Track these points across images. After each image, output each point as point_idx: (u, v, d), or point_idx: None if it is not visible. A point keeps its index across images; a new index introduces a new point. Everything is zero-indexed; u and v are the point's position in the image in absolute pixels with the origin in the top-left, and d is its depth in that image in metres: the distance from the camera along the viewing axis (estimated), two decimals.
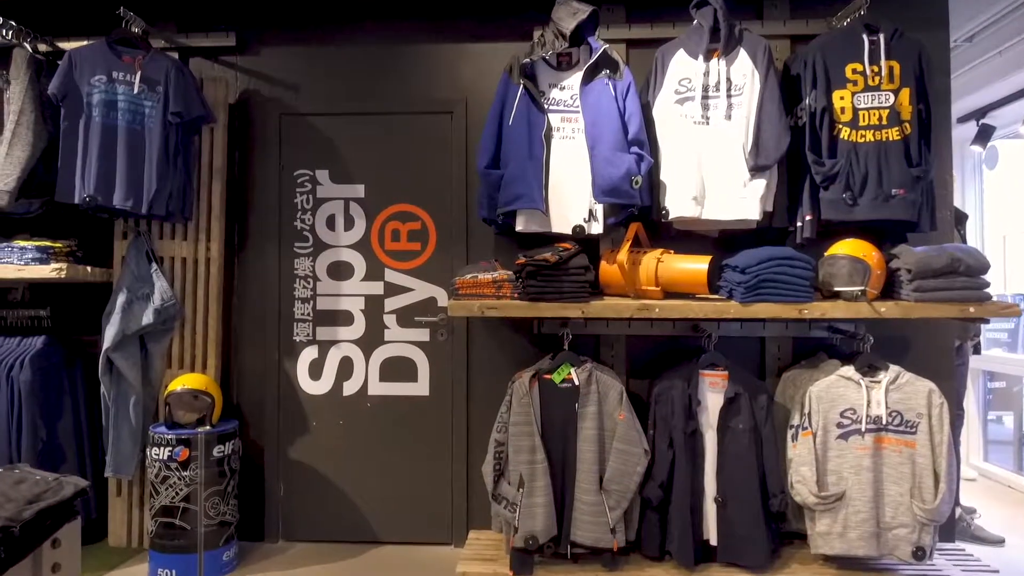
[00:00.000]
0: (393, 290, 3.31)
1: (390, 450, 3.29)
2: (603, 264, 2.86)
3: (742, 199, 2.75)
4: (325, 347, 3.33)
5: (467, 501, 3.23)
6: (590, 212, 2.78)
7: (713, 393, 2.76)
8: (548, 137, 2.83)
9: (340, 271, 3.34)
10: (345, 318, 3.33)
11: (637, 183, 2.71)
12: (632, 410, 2.73)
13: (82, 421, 3.12)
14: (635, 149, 2.75)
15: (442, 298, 3.29)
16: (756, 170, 2.73)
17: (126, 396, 3.05)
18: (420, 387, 3.29)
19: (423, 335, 3.29)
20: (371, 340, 3.31)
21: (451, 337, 3.28)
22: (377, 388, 3.30)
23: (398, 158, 3.34)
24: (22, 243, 2.95)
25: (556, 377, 2.76)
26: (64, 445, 3.03)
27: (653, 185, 2.83)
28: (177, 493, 2.82)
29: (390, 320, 3.31)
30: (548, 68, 2.91)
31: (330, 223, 3.35)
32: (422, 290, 3.30)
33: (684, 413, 2.73)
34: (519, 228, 2.83)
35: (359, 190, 3.35)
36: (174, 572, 2.82)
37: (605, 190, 2.69)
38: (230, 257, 3.34)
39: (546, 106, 2.85)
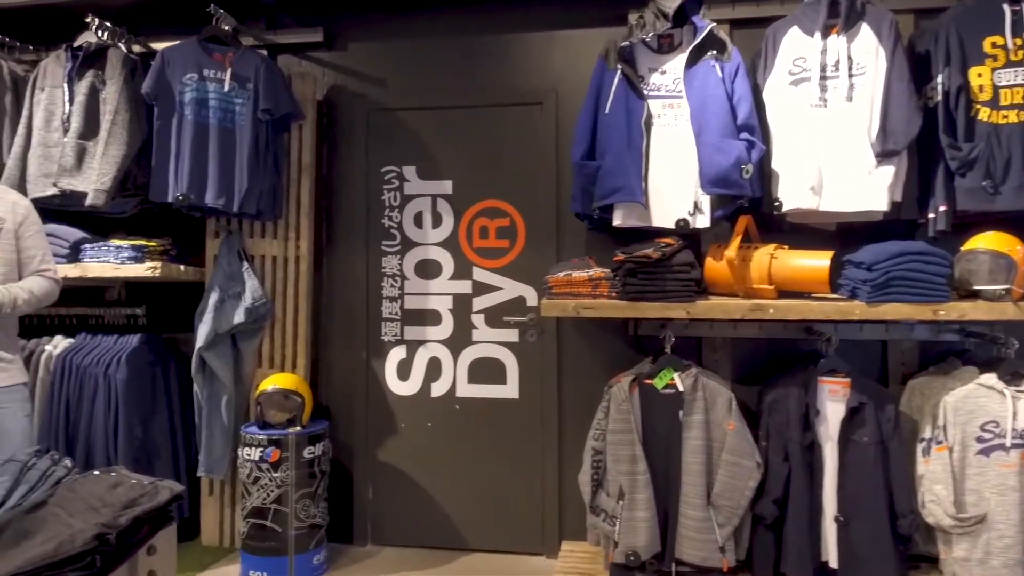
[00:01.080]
0: (481, 289, 3.20)
1: (479, 454, 3.17)
2: (708, 260, 2.66)
3: (867, 188, 2.49)
4: (413, 347, 3.24)
5: (559, 510, 3.08)
6: (695, 205, 2.59)
7: (833, 402, 2.52)
8: (648, 125, 2.64)
9: (428, 269, 3.25)
10: (433, 317, 3.23)
11: (748, 172, 2.50)
12: (743, 419, 2.52)
13: (175, 419, 3.14)
14: (745, 135, 2.53)
15: (531, 297, 3.15)
16: (883, 156, 2.47)
17: (218, 395, 3.04)
18: (509, 389, 3.16)
19: (512, 335, 3.16)
20: (459, 340, 3.20)
21: (541, 338, 3.13)
22: (465, 390, 3.20)
23: (486, 153, 3.22)
24: (118, 242, 2.97)
25: (658, 382, 2.58)
26: (158, 443, 3.04)
27: (764, 174, 2.61)
28: (268, 494, 2.79)
29: (478, 320, 3.19)
30: (648, 51, 2.73)
31: (418, 220, 3.27)
32: (511, 289, 3.17)
33: (801, 423, 2.51)
34: (617, 223, 2.66)
35: (447, 186, 3.25)
36: (265, 574, 2.78)
37: (713, 180, 2.49)
38: (318, 255, 3.29)
39: (645, 92, 2.67)
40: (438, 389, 3.22)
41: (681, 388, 2.54)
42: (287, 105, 3.03)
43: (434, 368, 3.22)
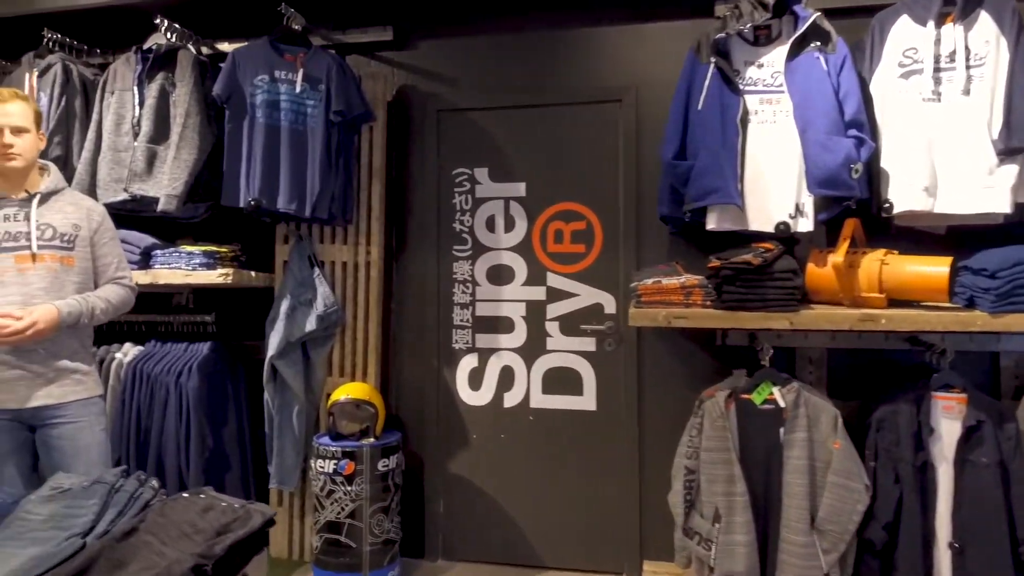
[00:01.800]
0: (556, 295, 3.07)
1: (554, 468, 3.04)
2: (810, 267, 2.49)
3: (987, 189, 2.30)
4: (485, 355, 3.13)
5: (640, 528, 2.94)
6: (796, 207, 2.42)
7: (948, 420, 2.33)
8: (744, 122, 2.48)
9: (500, 275, 3.13)
10: (506, 325, 3.11)
11: (857, 172, 2.32)
12: (848, 438, 2.35)
13: (245, 429, 3.07)
14: (853, 132, 2.36)
15: (609, 304, 3.01)
16: (1007, 154, 2.27)
17: (290, 405, 2.97)
18: (586, 401, 3.02)
19: (589, 344, 3.02)
20: (533, 349, 3.08)
21: (620, 347, 2.99)
22: (540, 400, 3.07)
23: (561, 153, 3.09)
24: (189, 248, 2.92)
25: (756, 397, 2.42)
26: (229, 453, 2.98)
27: (872, 174, 2.43)
28: (343, 508, 2.70)
29: (553, 328, 3.06)
30: (743, 44, 2.56)
31: (490, 224, 3.15)
32: (587, 296, 3.03)
33: (912, 443, 2.32)
34: (711, 227, 2.50)
35: (520, 189, 3.13)
36: None
37: (821, 181, 2.32)
38: (388, 261, 3.20)
39: (741, 87, 2.51)
40: (511, 399, 3.10)
41: (782, 404, 2.37)
42: (359, 106, 2.94)
43: (507, 377, 3.11)
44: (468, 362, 3.15)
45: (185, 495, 1.69)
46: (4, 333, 2.07)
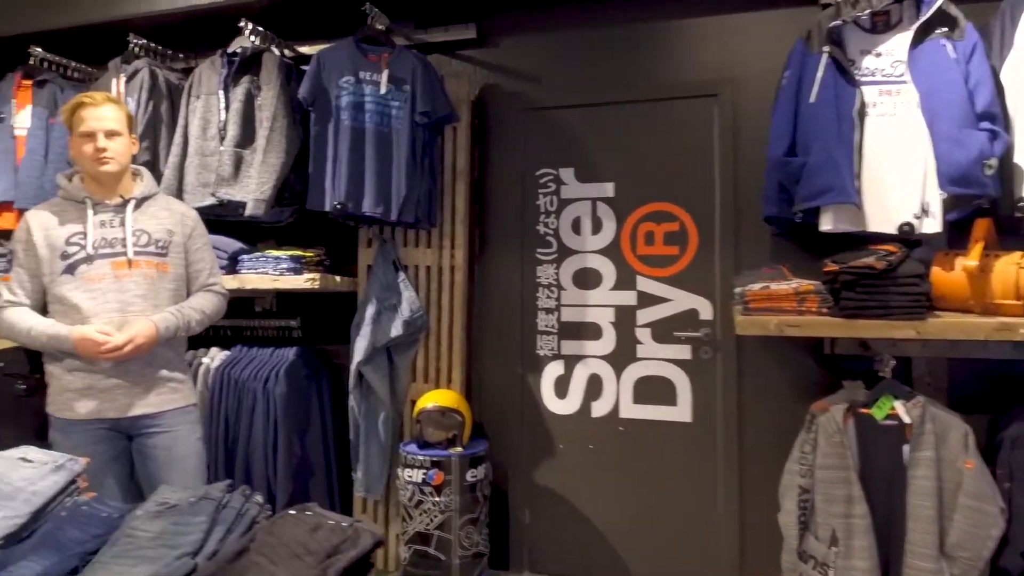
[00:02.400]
0: (647, 300, 2.93)
1: (646, 480, 2.91)
2: (935, 271, 2.30)
3: None
4: (571, 362, 3.02)
5: (739, 545, 2.78)
6: (922, 207, 2.24)
7: None
8: (861, 115, 2.31)
9: (587, 279, 3.02)
10: (593, 331, 3.00)
11: (991, 168, 2.13)
12: (980, 457, 2.16)
13: (329, 435, 3.04)
14: (986, 125, 2.16)
15: (705, 310, 2.87)
16: None
17: (375, 411, 2.92)
18: (680, 411, 2.88)
19: (683, 352, 2.88)
20: (622, 356, 2.95)
21: (717, 355, 2.84)
22: (630, 410, 2.94)
23: (652, 151, 2.95)
24: (276, 253, 2.89)
25: (877, 412, 2.25)
26: (313, 461, 2.95)
27: (1004, 171, 2.22)
28: (431, 519, 2.63)
29: (643, 334, 2.93)
30: (859, 31, 2.39)
31: (576, 226, 3.04)
32: (681, 301, 2.89)
33: None
34: (825, 228, 2.34)
35: (608, 189, 3.01)
36: None
37: (953, 178, 2.14)
38: (471, 264, 3.12)
39: (858, 77, 2.34)
40: (600, 408, 2.98)
41: (907, 419, 2.20)
42: (444, 107, 2.86)
43: (595, 386, 2.99)
44: (553, 369, 3.05)
45: (292, 512, 1.63)
46: (104, 350, 2.06)
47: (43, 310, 2.24)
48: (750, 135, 2.77)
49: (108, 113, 2.22)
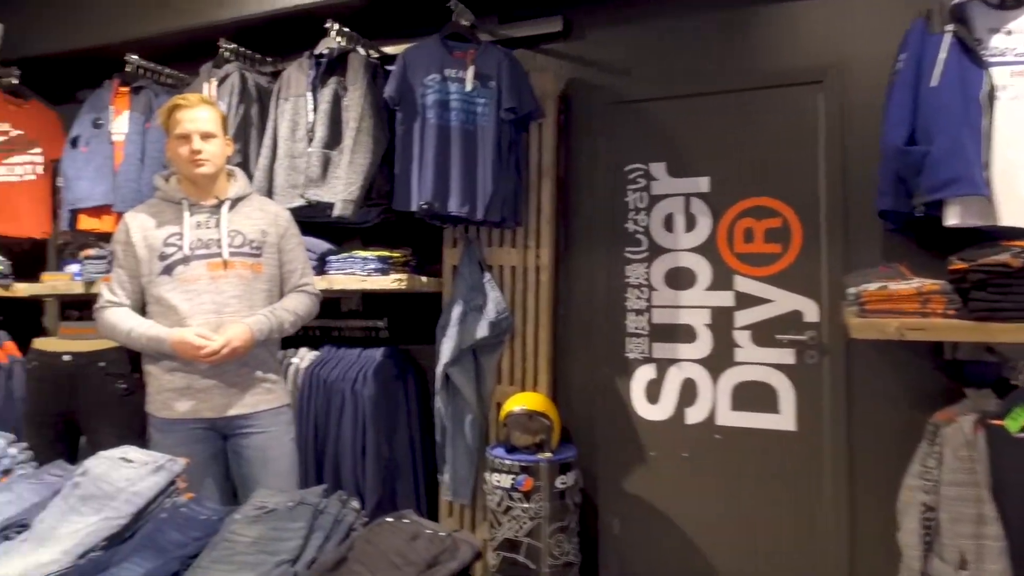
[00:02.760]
0: (746, 301, 2.78)
1: (745, 492, 2.76)
2: None
3: None
4: (663, 366, 2.89)
5: (848, 565, 2.59)
6: None
7: None
8: (990, 99, 2.11)
9: (680, 279, 2.88)
10: (686, 333, 2.86)
11: None
12: None
13: (415, 437, 3.01)
14: None
15: (810, 311, 2.69)
16: None
17: (461, 414, 2.87)
18: (783, 419, 2.71)
19: (786, 356, 2.71)
20: (719, 360, 2.81)
21: (823, 360, 2.66)
22: (728, 418, 2.79)
23: (751, 143, 2.80)
24: (363, 253, 2.88)
25: (1011, 424, 2.04)
26: (401, 462, 2.93)
27: None
28: (521, 526, 2.56)
29: (742, 337, 2.78)
30: (986, 8, 2.19)
31: (667, 223, 2.91)
32: (784, 301, 2.73)
33: None
34: (952, 222, 2.15)
35: (702, 184, 2.86)
36: None
37: None
38: (556, 264, 3.03)
39: (986, 58, 2.13)
40: (694, 415, 2.84)
41: None
42: (530, 102, 2.79)
43: (689, 391, 2.85)
44: (644, 373, 2.93)
45: (389, 519, 1.58)
46: (202, 355, 2.08)
47: (142, 310, 2.28)
48: (859, 124, 2.59)
49: (203, 115, 2.25)
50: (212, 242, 2.25)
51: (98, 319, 2.30)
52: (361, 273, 2.83)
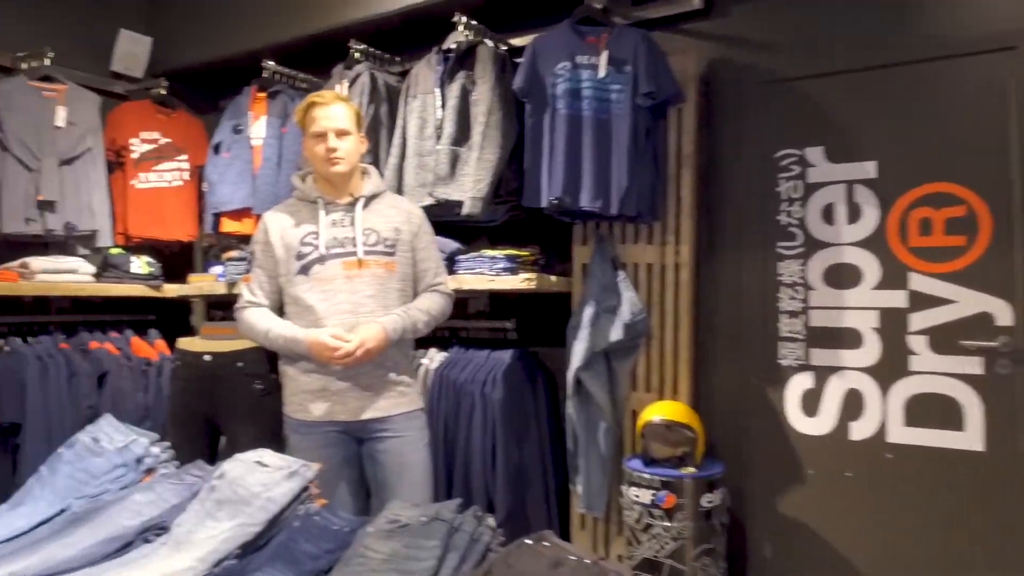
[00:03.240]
0: (922, 302, 2.44)
1: (920, 519, 2.42)
2: None
3: None
4: (823, 375, 2.59)
5: None
6: None
7: None
8: None
9: (842, 276, 2.58)
10: (850, 338, 2.55)
11: None
12: None
13: (546, 443, 2.87)
14: None
15: (1002, 314, 2.32)
16: None
17: (595, 422, 2.70)
18: (968, 438, 2.35)
19: (972, 365, 2.35)
20: (890, 369, 2.48)
21: (1018, 370, 2.28)
22: (901, 434, 2.46)
23: (927, 121, 2.46)
24: (492, 252, 2.78)
25: None
26: (531, 470, 2.80)
27: None
28: (662, 546, 2.36)
29: (918, 343, 2.44)
30: None
31: (827, 215, 2.61)
32: (969, 302, 2.37)
33: None
34: None
35: (868, 169, 2.54)
36: None
37: None
38: (698, 262, 2.80)
39: None
40: (860, 430, 2.52)
41: None
42: (669, 86, 2.58)
43: (854, 403, 2.54)
44: (800, 382, 2.64)
45: (528, 542, 1.44)
46: (337, 356, 2.04)
47: (281, 310, 2.29)
48: None
49: (338, 112, 2.24)
50: (347, 241, 2.24)
51: (238, 319, 2.34)
52: (489, 273, 2.72)
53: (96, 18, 3.75)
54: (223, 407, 2.62)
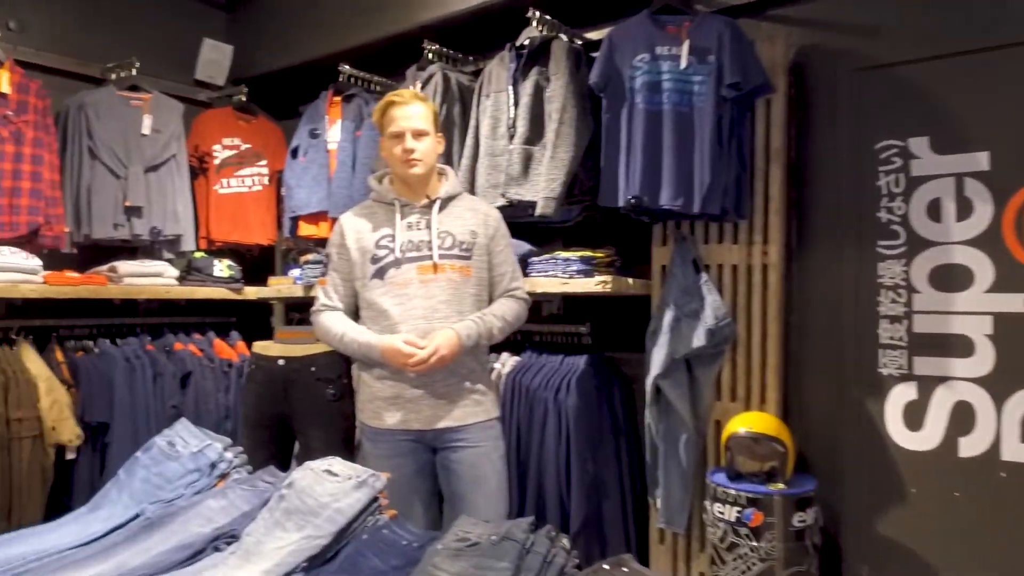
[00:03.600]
0: None
1: None
2: None
3: None
4: (928, 385, 2.38)
5: None
6: None
7: None
8: None
9: (950, 278, 2.35)
10: (960, 346, 2.33)
11: None
12: None
13: (622, 453, 2.76)
14: None
15: None
16: None
17: (675, 432, 2.57)
18: None
19: None
20: (1006, 380, 2.25)
21: None
22: (1017, 452, 2.22)
23: None
24: (565, 254, 2.68)
25: None
26: (606, 479, 2.69)
27: None
28: (748, 567, 2.21)
29: None
30: None
31: (932, 211, 2.39)
32: None
33: None
34: None
35: (980, 160, 2.31)
36: None
37: None
38: (788, 263, 2.62)
39: None
40: (971, 447, 2.30)
41: None
42: (757, 75, 2.42)
43: (963, 417, 2.31)
44: (902, 393, 2.43)
45: (606, 567, 1.35)
46: (411, 363, 2.00)
47: (356, 314, 2.26)
48: None
49: (416, 111, 2.20)
50: (422, 244, 2.19)
51: (314, 322, 2.33)
52: (563, 275, 2.63)
53: (180, 28, 3.86)
54: (296, 411, 2.62)
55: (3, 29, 3.14)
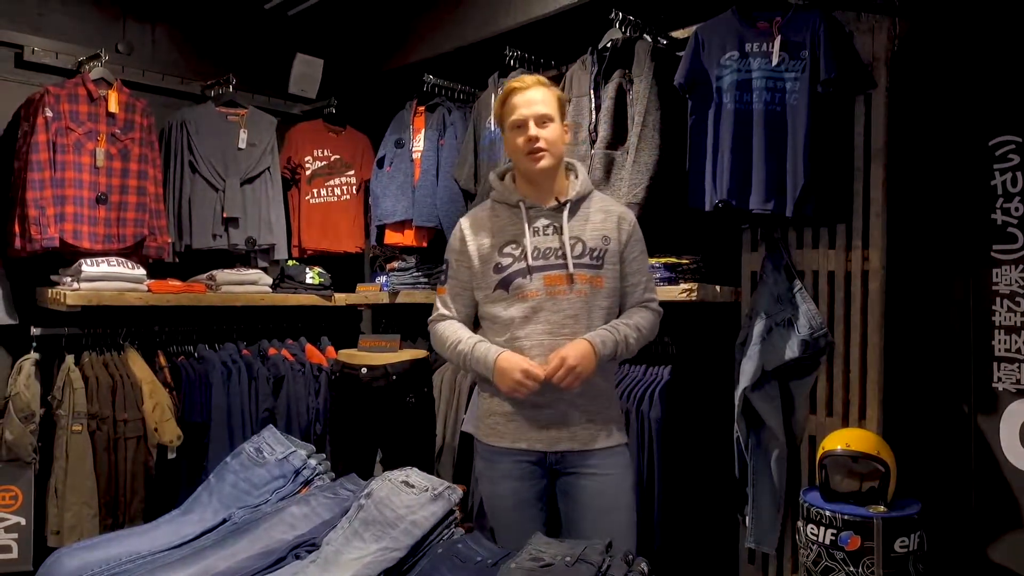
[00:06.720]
0: None
1: None
2: None
3: None
4: None
5: None
6: None
7: None
8: None
9: None
10: None
11: None
12: None
13: (709, 469, 2.65)
14: None
15: None
16: None
17: (766, 448, 2.45)
18: None
19: None
20: None
21: None
22: None
23: None
24: (652, 261, 2.59)
25: None
26: (691, 496, 2.60)
27: None
28: None
29: None
30: None
31: None
32: None
33: None
34: None
35: None
36: None
37: None
38: (889, 269, 2.45)
39: None
40: None
41: None
42: (855, 71, 2.28)
43: None
44: (1019, 410, 2.22)
45: None
46: (522, 392, 1.87)
47: (476, 324, 2.13)
48: None
49: (538, 95, 1.96)
50: (551, 252, 1.97)
51: (430, 332, 2.17)
52: None
53: (272, 44, 4.00)
54: (377, 419, 2.65)
55: (112, 52, 3.35)
